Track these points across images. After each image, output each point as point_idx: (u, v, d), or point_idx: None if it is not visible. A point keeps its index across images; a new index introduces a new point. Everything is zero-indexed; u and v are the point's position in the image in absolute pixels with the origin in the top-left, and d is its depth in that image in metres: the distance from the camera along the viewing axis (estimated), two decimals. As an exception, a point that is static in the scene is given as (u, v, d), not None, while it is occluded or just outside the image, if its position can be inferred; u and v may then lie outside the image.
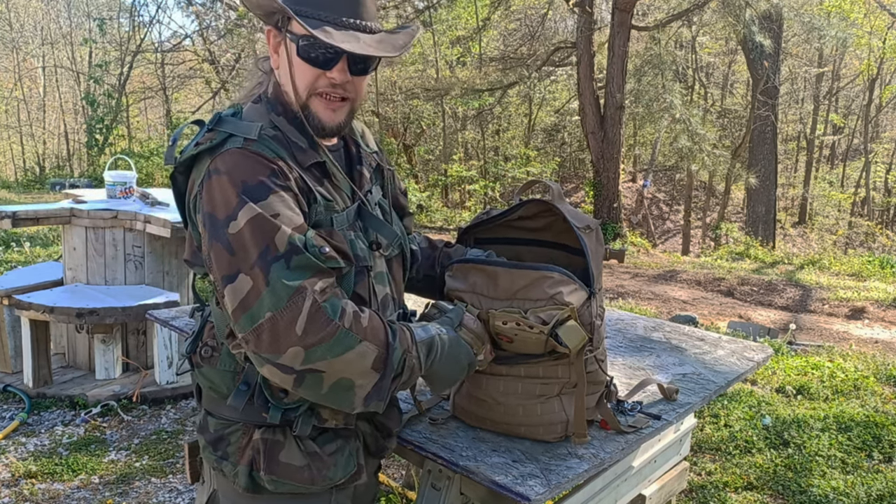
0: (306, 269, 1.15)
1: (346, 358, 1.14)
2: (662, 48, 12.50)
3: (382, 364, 1.18)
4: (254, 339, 1.13)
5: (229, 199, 1.17)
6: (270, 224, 1.15)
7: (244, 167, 1.19)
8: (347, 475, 1.32)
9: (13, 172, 20.86)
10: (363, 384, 1.17)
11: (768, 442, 3.46)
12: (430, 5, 14.84)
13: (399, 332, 1.22)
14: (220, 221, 1.16)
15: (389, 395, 1.21)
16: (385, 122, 16.05)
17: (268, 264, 1.13)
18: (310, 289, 1.13)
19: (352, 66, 1.28)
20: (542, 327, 1.38)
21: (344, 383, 1.15)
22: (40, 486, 2.93)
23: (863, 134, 19.91)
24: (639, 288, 7.95)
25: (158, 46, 18.35)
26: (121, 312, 3.62)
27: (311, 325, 1.11)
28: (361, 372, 1.16)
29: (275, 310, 1.11)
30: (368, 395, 1.18)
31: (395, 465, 3.18)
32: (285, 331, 1.11)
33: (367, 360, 1.16)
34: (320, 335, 1.11)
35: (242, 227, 1.14)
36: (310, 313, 1.11)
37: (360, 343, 1.15)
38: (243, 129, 1.24)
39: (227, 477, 1.32)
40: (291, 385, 1.15)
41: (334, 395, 1.17)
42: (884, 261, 10.28)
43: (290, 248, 1.14)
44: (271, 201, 1.17)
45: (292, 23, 1.26)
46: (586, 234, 1.48)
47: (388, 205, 1.51)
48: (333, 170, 1.34)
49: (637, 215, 17.76)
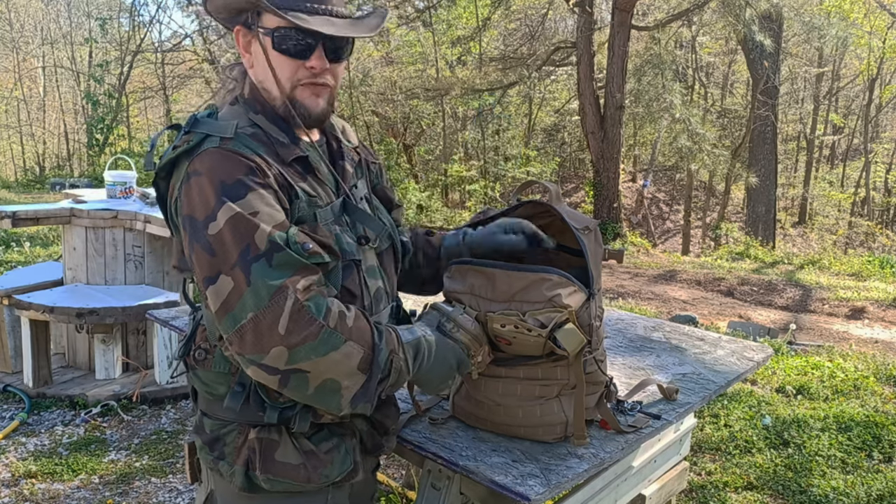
0: (288, 267, 1.14)
1: (332, 358, 1.13)
2: (662, 48, 12.50)
3: (368, 365, 1.17)
4: (237, 341, 1.12)
5: (208, 199, 1.16)
6: (250, 223, 1.14)
7: (221, 167, 1.18)
8: (344, 473, 1.32)
9: (13, 172, 20.86)
10: (349, 385, 1.16)
11: (768, 442, 3.46)
12: (430, 5, 14.84)
13: (385, 334, 1.21)
14: (200, 223, 1.16)
15: (377, 397, 1.20)
16: (385, 122, 16.05)
17: (248, 264, 1.12)
18: (292, 287, 1.12)
19: (328, 52, 1.29)
20: (541, 330, 1.38)
21: (330, 384, 1.15)
22: (40, 486, 2.93)
23: (863, 134, 19.91)
24: (639, 288, 7.95)
25: (158, 46, 18.37)
26: (121, 312, 3.62)
27: (294, 325, 1.10)
28: (347, 373, 1.15)
29: (257, 310, 1.10)
30: (355, 397, 1.17)
31: (395, 465, 3.18)
32: (268, 331, 1.10)
33: (352, 361, 1.15)
34: (304, 334, 1.10)
35: (222, 227, 1.14)
36: (292, 312, 1.10)
37: (346, 343, 1.14)
38: (219, 128, 1.24)
39: (223, 477, 1.32)
40: (277, 385, 1.14)
41: (320, 396, 1.16)
42: (884, 261, 10.28)
43: (271, 245, 1.14)
44: (250, 199, 1.16)
45: (263, 17, 1.27)
46: (585, 235, 1.47)
47: (374, 198, 1.50)
48: (317, 164, 1.34)
49: (637, 215, 17.77)
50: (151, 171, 1.29)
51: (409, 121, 16.48)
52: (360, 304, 1.33)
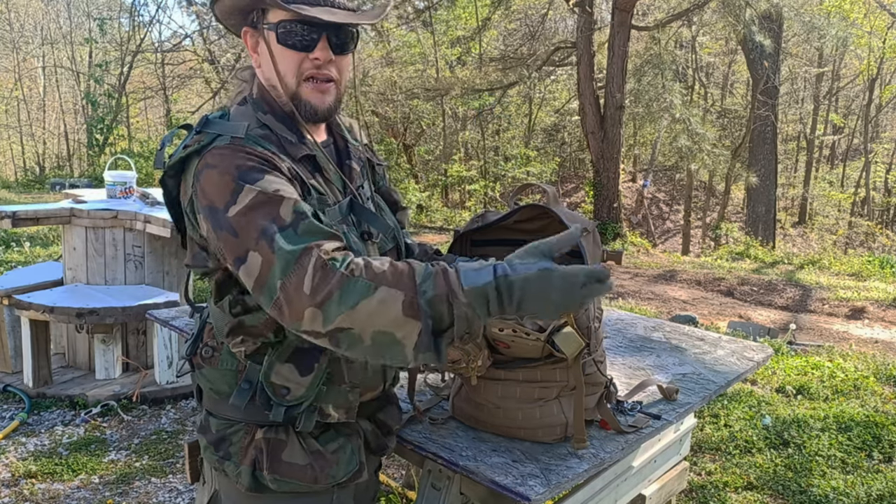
0: (314, 234, 1.12)
1: (365, 308, 1.03)
2: (662, 48, 12.49)
3: (416, 310, 1.04)
4: (277, 314, 1.09)
5: (226, 185, 1.16)
6: (273, 197, 1.14)
7: (234, 157, 1.19)
8: (350, 473, 1.32)
9: (13, 172, 20.86)
10: (405, 335, 1.04)
11: (768, 442, 3.46)
12: (430, 5, 14.84)
13: (435, 275, 1.06)
14: (220, 210, 1.16)
15: (442, 346, 1.06)
16: (385, 122, 16.05)
17: (273, 235, 1.10)
18: (317, 249, 1.08)
19: (333, 44, 1.29)
20: (539, 334, 1.38)
21: (383, 338, 1.04)
22: (40, 486, 2.93)
23: (863, 134, 19.91)
24: (639, 288, 7.95)
25: (158, 46, 18.37)
26: (121, 312, 3.62)
27: (318, 282, 1.05)
28: (394, 321, 1.04)
29: (283, 276, 1.07)
30: (416, 346, 1.05)
31: (395, 465, 3.18)
32: (296, 293, 1.06)
33: (393, 308, 1.03)
34: (327, 289, 1.04)
35: (243, 207, 1.13)
36: (315, 269, 1.06)
37: (377, 290, 1.04)
38: (230, 129, 1.25)
39: (229, 477, 1.31)
40: (334, 348, 1.08)
41: (383, 352, 1.06)
42: (884, 261, 10.28)
43: (297, 216, 1.13)
44: (268, 179, 1.17)
45: (268, 13, 1.28)
46: (583, 238, 1.47)
47: (379, 198, 1.51)
48: (325, 163, 1.34)
49: (637, 215, 17.77)
50: (160, 169, 1.30)
51: (409, 121, 16.48)
52: None
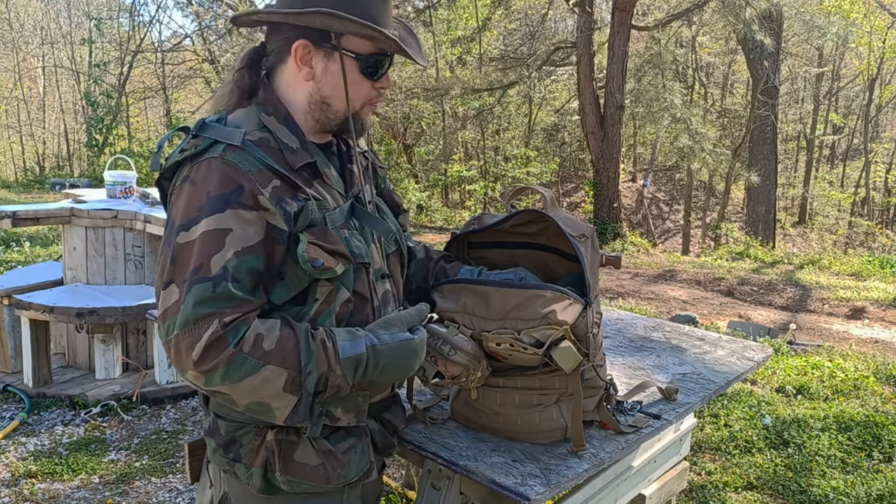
0: (224, 301, 1.14)
1: (248, 384, 1.13)
2: (662, 48, 12.48)
3: (298, 387, 1.16)
4: (166, 351, 1.16)
5: (190, 208, 1.18)
6: (217, 243, 1.16)
7: (213, 180, 1.19)
8: (361, 473, 1.33)
9: (13, 172, 20.88)
10: (281, 406, 1.16)
11: (768, 442, 3.46)
12: (430, 5, 14.83)
13: (316, 353, 1.17)
14: (175, 228, 1.18)
15: (317, 410, 1.21)
16: (385, 122, 16.04)
17: (194, 283, 1.14)
18: (219, 320, 1.13)
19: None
20: (536, 349, 1.37)
21: (258, 406, 1.16)
22: (40, 486, 2.93)
23: (863, 134, 19.92)
24: (638, 288, 7.95)
25: (158, 46, 18.39)
26: (121, 312, 3.62)
27: (207, 353, 1.12)
28: (273, 395, 1.15)
29: (181, 330, 1.13)
30: (290, 415, 1.18)
31: (395, 465, 3.18)
32: (186, 354, 1.12)
33: (276, 385, 1.14)
34: (214, 362, 1.12)
35: (190, 241, 1.16)
36: (208, 340, 1.12)
37: (263, 368, 1.13)
38: (227, 134, 1.23)
39: (240, 479, 1.31)
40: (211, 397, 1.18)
41: (253, 413, 1.19)
42: (884, 261, 10.28)
43: (222, 273, 1.15)
44: (228, 216, 1.17)
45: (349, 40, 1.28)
46: (582, 243, 1.45)
47: (380, 201, 1.51)
48: (325, 169, 1.34)
49: (637, 215, 17.77)
50: (157, 172, 1.30)
51: (409, 121, 16.47)
52: (370, 306, 1.33)
